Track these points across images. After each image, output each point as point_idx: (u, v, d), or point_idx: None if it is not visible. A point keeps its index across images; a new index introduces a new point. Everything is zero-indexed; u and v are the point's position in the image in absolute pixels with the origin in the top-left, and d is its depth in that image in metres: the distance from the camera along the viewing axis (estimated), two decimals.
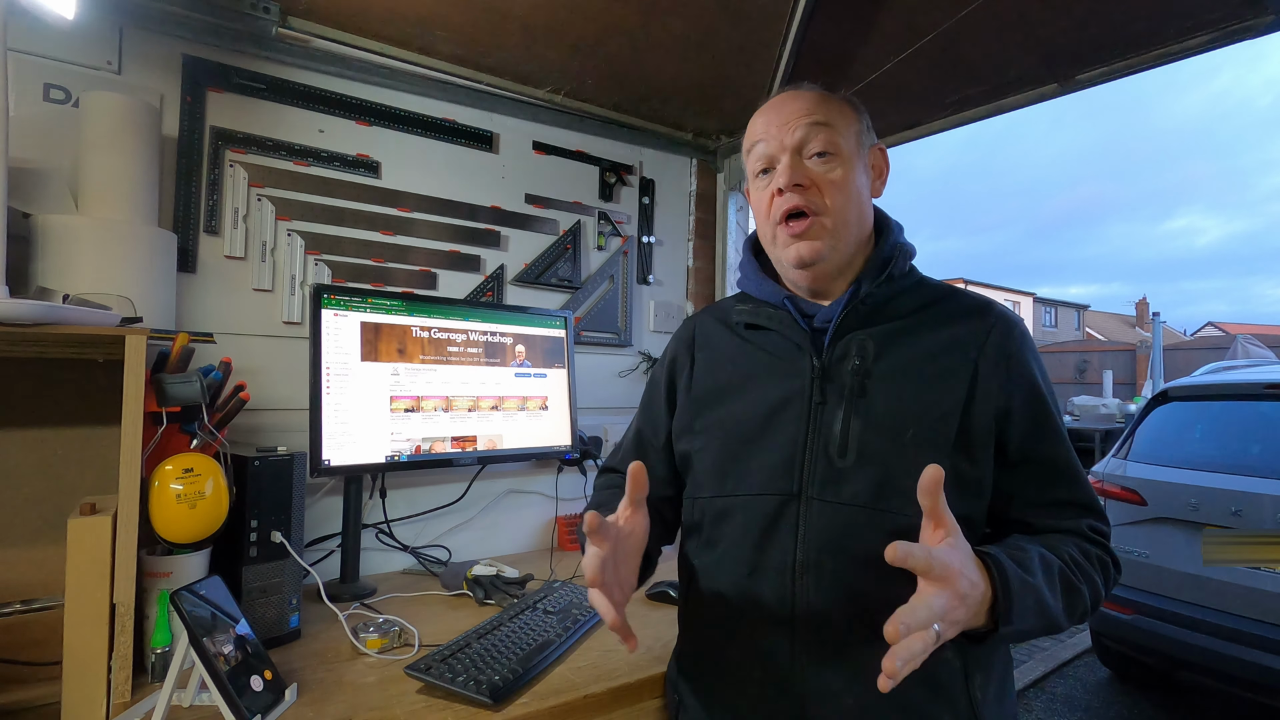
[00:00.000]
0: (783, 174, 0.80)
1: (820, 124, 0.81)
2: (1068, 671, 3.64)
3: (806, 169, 0.81)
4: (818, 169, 0.81)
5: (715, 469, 0.84)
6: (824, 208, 0.80)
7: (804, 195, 0.80)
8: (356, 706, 0.86)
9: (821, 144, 0.81)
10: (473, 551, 1.59)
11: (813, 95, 0.84)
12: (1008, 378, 0.77)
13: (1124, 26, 1.28)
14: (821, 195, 0.80)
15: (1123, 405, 9.09)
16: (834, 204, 0.80)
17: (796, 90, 0.85)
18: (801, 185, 0.80)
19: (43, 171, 1.11)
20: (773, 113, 0.84)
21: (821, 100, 0.83)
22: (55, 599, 1.04)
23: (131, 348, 0.85)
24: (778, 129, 0.82)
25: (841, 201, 0.81)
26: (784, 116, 0.82)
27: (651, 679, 0.99)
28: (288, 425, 1.35)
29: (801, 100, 0.83)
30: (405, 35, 1.42)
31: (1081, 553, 0.75)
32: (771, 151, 0.83)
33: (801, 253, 0.81)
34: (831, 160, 0.81)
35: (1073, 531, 0.77)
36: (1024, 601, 0.65)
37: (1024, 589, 0.65)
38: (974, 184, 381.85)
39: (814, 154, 0.81)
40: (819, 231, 0.80)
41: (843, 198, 0.81)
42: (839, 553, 0.75)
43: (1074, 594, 0.72)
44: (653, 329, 1.96)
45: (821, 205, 0.80)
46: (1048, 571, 0.70)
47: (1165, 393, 3.27)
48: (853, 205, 0.82)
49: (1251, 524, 2.59)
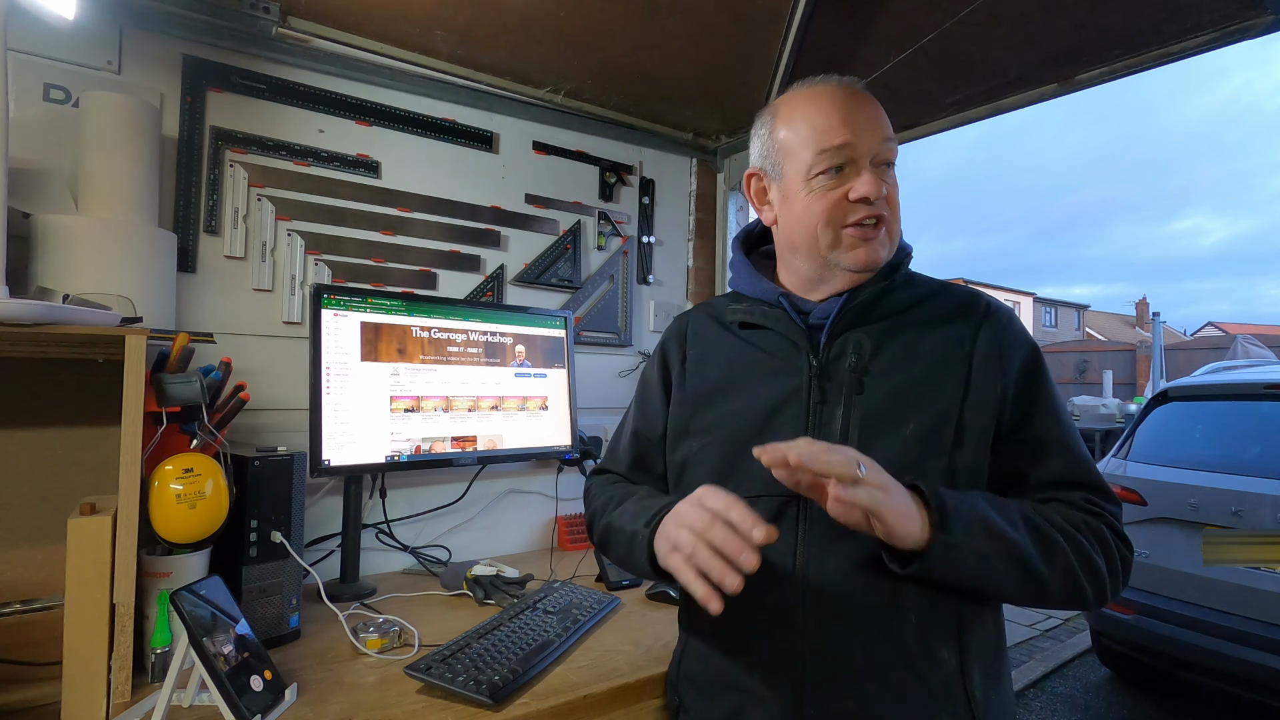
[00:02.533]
0: (869, 184, 0.79)
1: (890, 141, 0.82)
2: (1068, 671, 3.64)
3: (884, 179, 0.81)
4: (887, 180, 0.82)
5: (715, 471, 0.84)
6: (889, 219, 0.82)
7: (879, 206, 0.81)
8: (356, 706, 0.86)
9: (891, 156, 0.83)
10: (473, 551, 1.59)
11: (875, 100, 0.84)
12: (1001, 366, 0.78)
13: (1124, 26, 1.28)
14: (889, 206, 0.82)
15: (1123, 405, 9.09)
16: (894, 215, 0.83)
17: (862, 90, 0.84)
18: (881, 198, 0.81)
19: (43, 171, 1.11)
20: (856, 112, 0.81)
21: (882, 110, 0.84)
22: (55, 599, 1.04)
23: (131, 348, 0.85)
24: (866, 134, 0.80)
25: (897, 214, 0.84)
26: (863, 120, 0.81)
27: (651, 679, 0.99)
28: (288, 425, 1.35)
29: (874, 107, 0.83)
30: (405, 35, 1.42)
31: (1063, 516, 0.74)
32: (855, 156, 0.80)
33: (871, 257, 0.81)
34: (892, 173, 0.83)
35: (1068, 503, 0.76)
36: (961, 514, 0.67)
37: (961, 503, 0.68)
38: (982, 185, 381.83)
39: (884, 162, 0.82)
40: (885, 240, 0.82)
41: (897, 210, 0.84)
42: (840, 552, 0.75)
43: (1043, 536, 0.70)
44: (653, 329, 1.96)
45: (889, 215, 0.82)
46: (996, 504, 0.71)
47: (1165, 393, 3.27)
48: (899, 217, 0.84)
49: (1251, 524, 2.59)
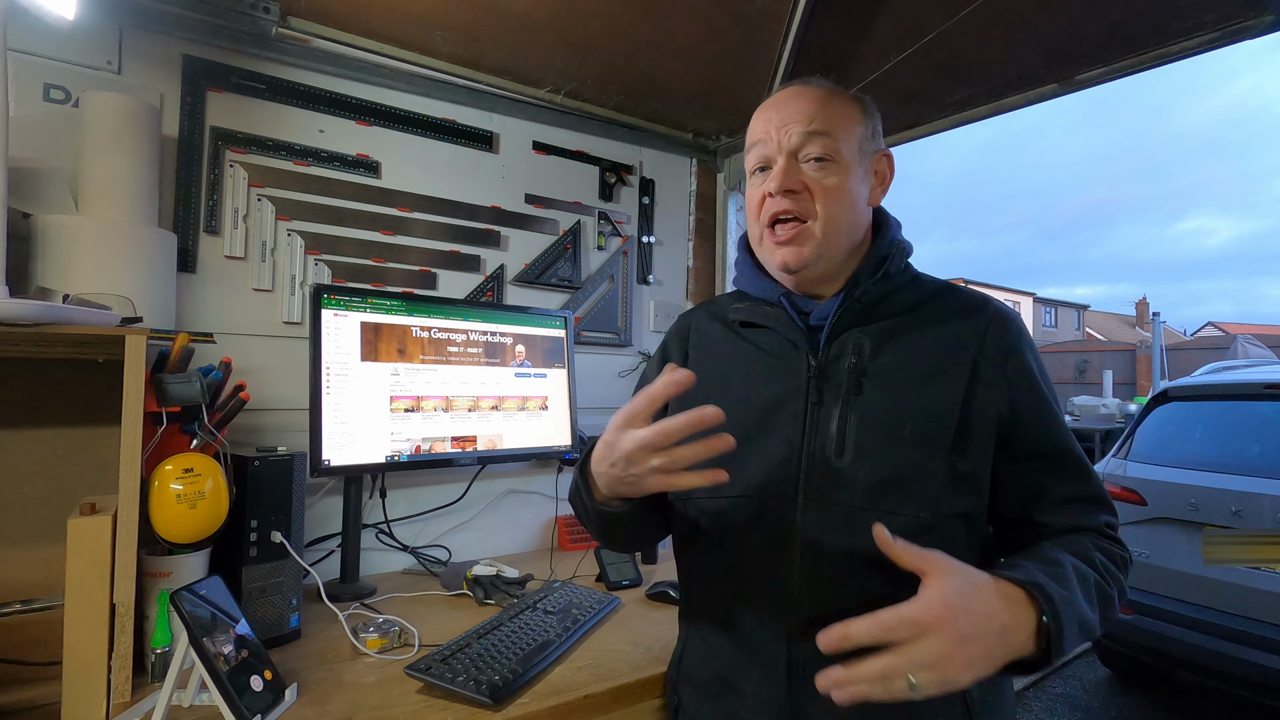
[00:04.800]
0: (775, 178, 0.79)
1: (819, 134, 0.79)
2: (1068, 671, 3.64)
3: (801, 173, 0.79)
4: (813, 174, 0.79)
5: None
6: (814, 214, 0.79)
7: (795, 200, 0.79)
8: (356, 706, 0.86)
9: (820, 149, 0.79)
10: (473, 551, 1.59)
11: (818, 95, 0.81)
12: (1009, 374, 0.77)
13: (1124, 26, 1.28)
14: (814, 201, 0.79)
15: (1123, 405, 9.09)
16: (826, 211, 0.79)
17: (803, 86, 0.82)
18: (794, 190, 0.79)
19: (43, 171, 1.11)
20: (774, 111, 0.82)
21: (826, 101, 0.80)
22: (55, 599, 1.04)
23: (131, 348, 0.85)
24: (777, 130, 0.80)
25: (834, 209, 0.79)
26: (784, 116, 0.80)
27: (651, 679, 0.98)
28: (288, 425, 1.35)
29: (805, 100, 0.80)
30: (405, 35, 1.42)
31: (1105, 555, 0.73)
32: (768, 153, 0.81)
33: (786, 258, 0.80)
34: (828, 166, 0.79)
35: (1090, 529, 0.76)
36: (1071, 627, 0.62)
37: (1069, 610, 0.62)
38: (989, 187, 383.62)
39: (811, 158, 0.79)
40: (806, 238, 0.79)
41: (836, 205, 0.79)
42: (836, 553, 0.74)
43: (1108, 603, 0.70)
44: (653, 329, 1.96)
45: (812, 211, 0.79)
46: (1084, 585, 0.67)
47: (1165, 393, 3.27)
48: (845, 213, 0.80)
49: (1251, 524, 2.59)
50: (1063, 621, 0.61)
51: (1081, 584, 0.67)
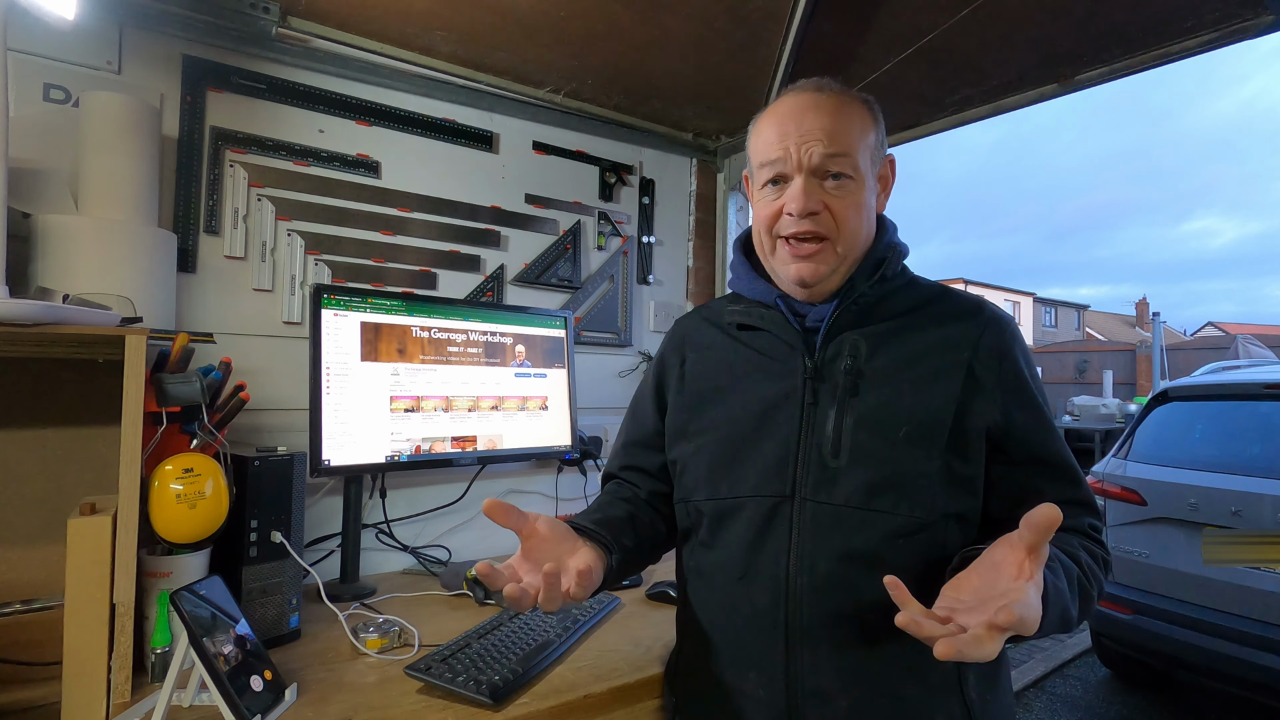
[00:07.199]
0: (796, 198, 0.77)
1: (840, 155, 0.77)
2: (1068, 671, 3.64)
3: (821, 193, 0.78)
4: (833, 193, 0.78)
5: (709, 471, 0.84)
6: (836, 233, 0.78)
7: (815, 221, 0.78)
8: (356, 707, 0.86)
9: (839, 168, 0.78)
10: (473, 551, 1.59)
11: (833, 106, 0.79)
12: (1003, 378, 0.77)
13: (1124, 26, 1.28)
14: (834, 220, 0.78)
15: (1123, 405, 9.10)
16: (846, 229, 0.78)
17: (817, 94, 0.80)
18: (815, 212, 0.78)
19: (43, 171, 1.11)
20: (791, 123, 0.79)
21: (841, 114, 0.78)
22: (55, 599, 1.04)
23: (131, 348, 0.85)
24: (796, 147, 0.78)
25: (854, 226, 0.79)
26: (804, 132, 0.78)
27: (651, 679, 0.99)
28: (288, 425, 1.35)
29: (823, 116, 0.78)
30: (405, 35, 1.42)
31: (1090, 555, 0.75)
32: (786, 170, 0.79)
33: (804, 274, 0.80)
34: (846, 185, 0.78)
35: (1076, 530, 0.77)
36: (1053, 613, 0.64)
37: (1057, 598, 0.64)
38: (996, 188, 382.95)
39: (830, 176, 0.78)
40: (826, 256, 0.79)
41: (855, 222, 0.79)
42: (832, 553, 0.74)
43: (1087, 599, 0.71)
44: (653, 329, 1.96)
45: (833, 230, 0.78)
46: (1069, 578, 0.69)
47: (1165, 393, 3.27)
48: (863, 228, 0.80)
49: (1251, 524, 2.59)
50: (1049, 606, 0.63)
51: (1067, 578, 0.69)
